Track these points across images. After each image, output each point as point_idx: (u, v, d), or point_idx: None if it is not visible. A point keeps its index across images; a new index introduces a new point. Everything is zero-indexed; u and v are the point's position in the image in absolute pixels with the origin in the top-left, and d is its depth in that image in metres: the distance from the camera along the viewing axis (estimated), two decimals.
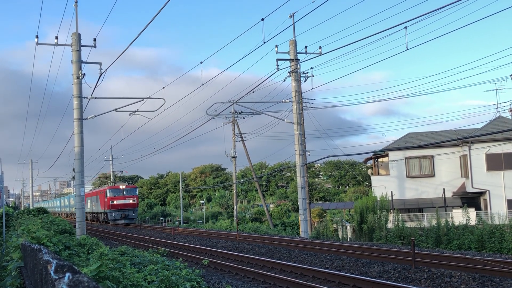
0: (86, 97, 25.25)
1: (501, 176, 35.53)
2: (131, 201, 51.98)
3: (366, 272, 13.97)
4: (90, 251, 15.71)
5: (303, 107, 34.14)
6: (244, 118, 45.06)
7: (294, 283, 12.97)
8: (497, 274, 11.89)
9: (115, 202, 51.04)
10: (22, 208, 79.22)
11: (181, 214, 54.29)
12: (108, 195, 51.66)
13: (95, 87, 24.76)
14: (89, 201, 61.48)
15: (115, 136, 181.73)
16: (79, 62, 24.38)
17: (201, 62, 29.75)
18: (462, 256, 15.22)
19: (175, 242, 26.83)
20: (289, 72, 28.49)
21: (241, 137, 48.21)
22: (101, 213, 55.63)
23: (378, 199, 35.78)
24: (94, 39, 24.39)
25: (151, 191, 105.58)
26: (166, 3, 14.36)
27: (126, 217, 51.54)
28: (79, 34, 24.43)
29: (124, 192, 51.94)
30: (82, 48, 24.53)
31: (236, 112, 45.28)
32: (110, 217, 51.27)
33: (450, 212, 34.18)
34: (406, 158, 39.52)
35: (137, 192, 54.54)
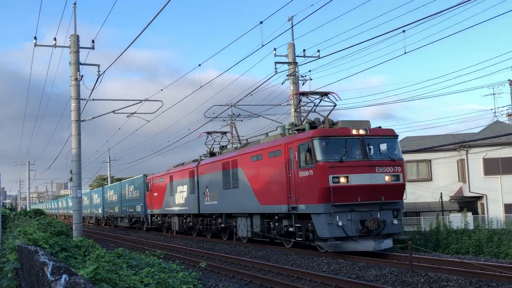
0: (84, 99, 25.24)
1: (498, 180, 35.58)
2: (387, 178, 17.59)
3: (363, 276, 13.96)
4: (86, 253, 15.68)
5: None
6: (242, 120, 45.03)
7: (291, 286, 12.96)
8: (494, 278, 11.89)
9: (342, 178, 16.93)
10: (19, 210, 79.07)
11: None
12: (321, 156, 17.04)
13: (93, 89, 24.76)
14: (193, 186, 28.33)
15: (112, 138, 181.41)
16: (77, 63, 24.36)
17: (200, 65, 29.74)
18: (459, 260, 15.21)
19: (172, 244, 26.77)
20: (287, 75, 28.51)
21: (239, 140, 48.12)
22: (272, 217, 20.46)
23: None
24: (93, 41, 24.39)
25: None
26: (165, 5, 14.36)
27: (381, 229, 17.17)
28: (78, 36, 24.42)
29: (371, 152, 17.80)
30: (80, 49, 24.53)
31: (234, 114, 45.26)
32: (324, 232, 16.95)
33: (447, 216, 34.19)
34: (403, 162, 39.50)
35: (401, 154, 18.86)
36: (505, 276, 11.83)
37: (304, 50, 28.27)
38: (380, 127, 18.87)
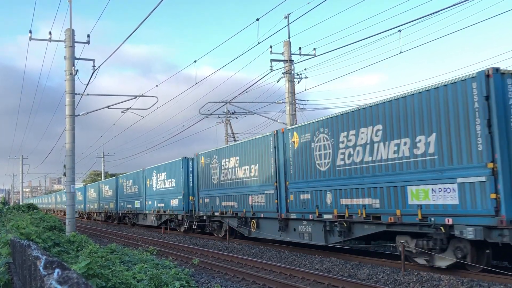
0: (79, 94, 25.16)
1: None
2: None
3: (355, 274, 14.01)
4: (79, 249, 15.66)
5: (296, 109, 34.19)
6: (237, 118, 45.08)
7: (284, 284, 12.99)
8: (486, 279, 11.96)
9: None
10: (12, 204, 78.82)
11: None
12: None
13: (87, 83, 24.67)
14: None
15: (107, 133, 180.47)
16: (72, 58, 24.28)
17: (195, 61, 29.67)
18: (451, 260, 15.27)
19: (165, 241, 26.78)
20: (283, 73, 28.51)
21: (234, 137, 48.18)
22: None
23: None
24: (88, 36, 24.30)
25: None
26: (161, 1, 14.33)
27: None
28: (73, 30, 24.33)
29: None
30: (75, 44, 24.44)
31: (229, 111, 45.27)
32: None
33: None
34: None
35: None
36: (496, 276, 11.90)
37: (300, 48, 28.28)
38: None
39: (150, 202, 35.51)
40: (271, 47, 27.32)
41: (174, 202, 30.40)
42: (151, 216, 35.19)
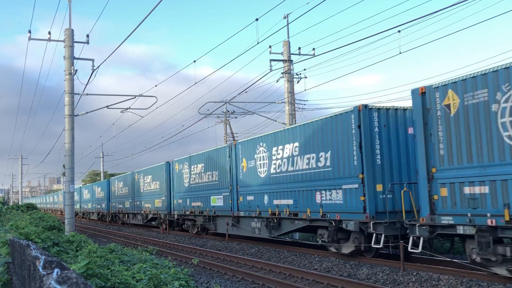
0: (78, 94, 25.16)
1: None
2: None
3: (354, 274, 14.01)
4: (78, 248, 15.67)
5: (296, 108, 34.18)
6: (236, 117, 45.05)
7: (283, 284, 12.99)
8: (485, 278, 11.97)
9: None
10: (11, 204, 78.82)
11: None
12: None
13: (87, 83, 24.70)
14: None
15: (106, 133, 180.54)
16: (72, 58, 24.30)
17: (194, 61, 29.71)
18: (450, 260, 15.28)
19: (164, 241, 26.77)
20: (282, 73, 28.52)
21: (233, 137, 48.18)
22: None
23: None
24: (87, 36, 24.32)
25: None
26: (161, 1, 14.32)
27: None
28: (72, 30, 24.34)
29: None
30: (75, 44, 24.45)
31: (228, 111, 45.25)
32: None
33: None
34: None
35: None
36: (496, 275, 11.90)
37: (299, 48, 28.31)
38: None
39: (251, 198, 21.73)
40: (270, 47, 27.35)
41: (328, 196, 16.59)
42: (254, 221, 21.75)
